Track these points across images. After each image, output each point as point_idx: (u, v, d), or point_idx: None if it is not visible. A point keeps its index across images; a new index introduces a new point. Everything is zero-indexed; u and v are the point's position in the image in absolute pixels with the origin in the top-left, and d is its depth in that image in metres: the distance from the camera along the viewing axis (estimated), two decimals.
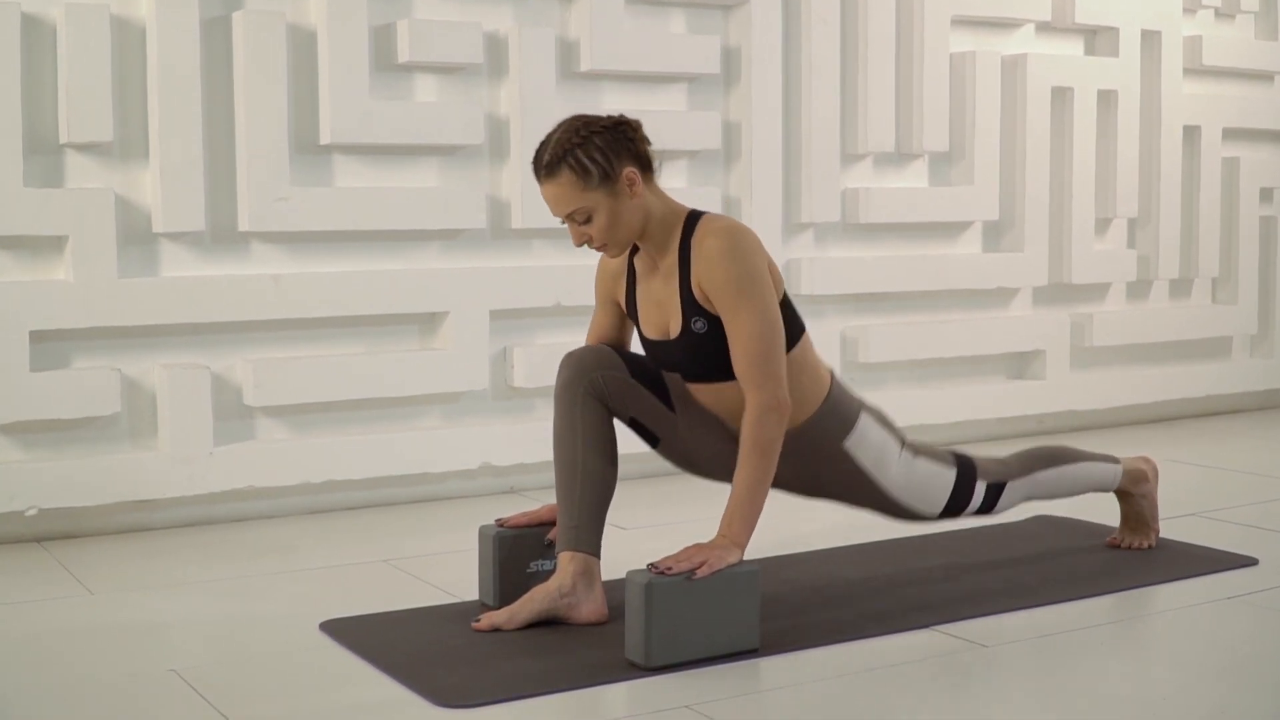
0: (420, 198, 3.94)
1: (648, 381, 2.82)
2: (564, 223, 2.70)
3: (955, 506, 2.96)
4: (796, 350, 2.75)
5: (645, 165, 2.70)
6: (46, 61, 3.55)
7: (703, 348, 2.70)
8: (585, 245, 2.69)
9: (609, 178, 2.63)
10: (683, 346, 2.73)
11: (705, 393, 2.78)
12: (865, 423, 2.84)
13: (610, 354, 2.81)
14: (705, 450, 2.86)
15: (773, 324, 2.63)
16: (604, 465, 2.77)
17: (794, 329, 2.74)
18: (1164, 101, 5.26)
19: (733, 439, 2.82)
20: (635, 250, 2.82)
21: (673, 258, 2.71)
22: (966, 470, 2.97)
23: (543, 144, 2.67)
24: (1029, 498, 3.11)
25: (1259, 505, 3.91)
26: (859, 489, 2.87)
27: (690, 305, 2.68)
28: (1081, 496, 3.72)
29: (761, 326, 2.62)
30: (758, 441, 2.61)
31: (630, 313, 2.85)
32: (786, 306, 2.73)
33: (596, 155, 2.62)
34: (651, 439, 2.88)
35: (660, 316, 2.76)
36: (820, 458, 2.81)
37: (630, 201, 2.66)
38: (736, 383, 2.71)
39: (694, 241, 2.67)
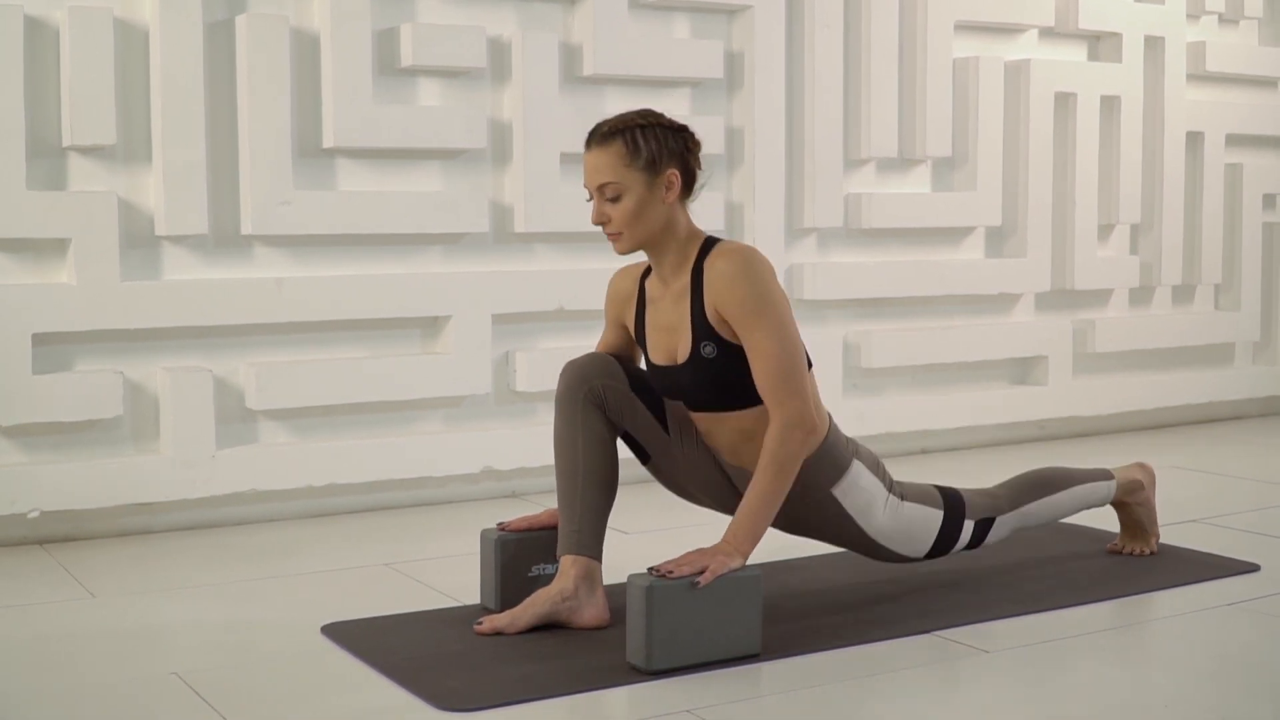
0: (423, 202, 3.94)
1: (646, 398, 2.82)
2: (589, 199, 2.72)
3: (942, 547, 2.94)
4: None
5: (688, 180, 2.72)
6: (50, 64, 3.56)
7: (709, 374, 2.69)
8: (601, 226, 2.70)
9: (653, 168, 2.66)
10: (689, 372, 2.72)
11: (707, 421, 2.78)
12: (856, 470, 2.81)
13: (612, 363, 2.81)
14: (695, 477, 2.86)
15: (792, 341, 2.63)
16: (605, 469, 2.77)
17: None
18: (1167, 107, 5.26)
19: (723, 472, 2.83)
20: (647, 274, 2.82)
21: (685, 280, 2.71)
22: (955, 509, 2.94)
23: (607, 119, 2.72)
24: (1019, 530, 3.10)
25: (1261, 511, 3.91)
26: (843, 533, 2.85)
27: (701, 329, 2.68)
28: None
29: (781, 343, 2.61)
30: (777, 456, 2.60)
31: (639, 338, 2.85)
32: None
33: (653, 142, 2.67)
34: (643, 455, 2.88)
35: (668, 341, 2.76)
36: (807, 500, 2.78)
37: (661, 202, 2.68)
38: (738, 414, 2.72)
39: (706, 264, 2.67)
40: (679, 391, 2.78)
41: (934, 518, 2.91)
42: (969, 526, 2.96)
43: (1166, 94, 5.26)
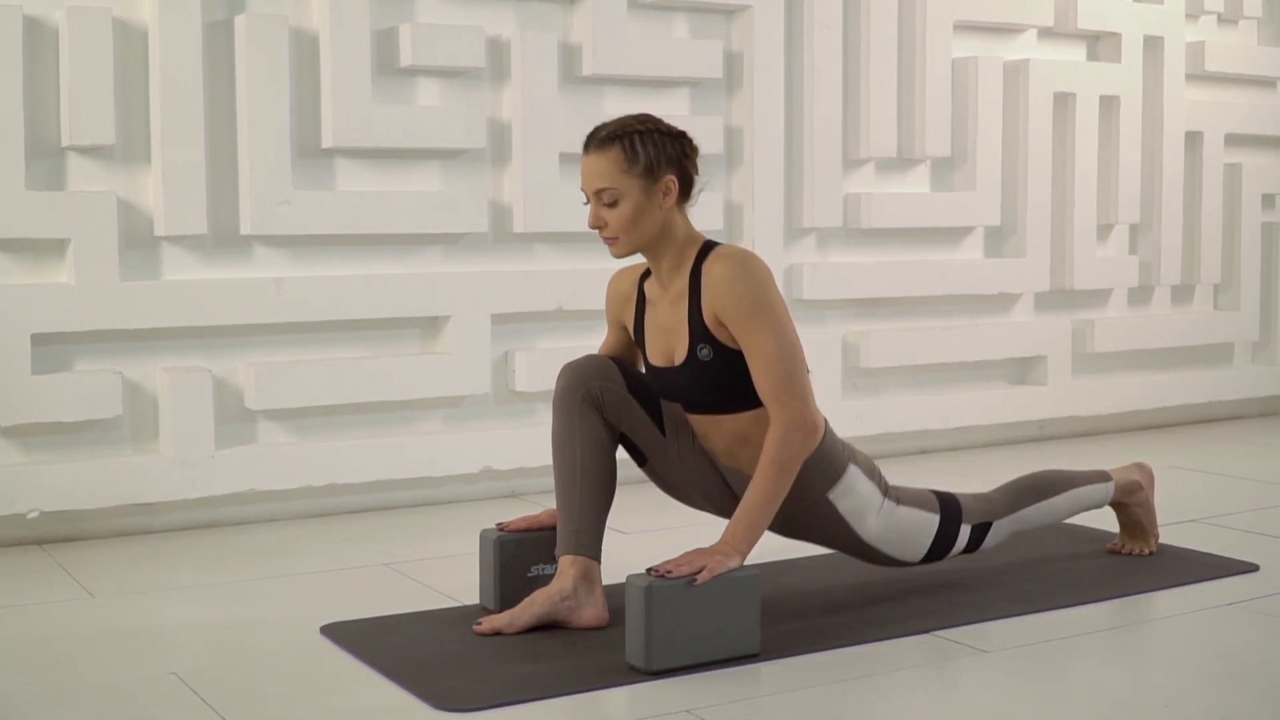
0: (422, 201, 3.94)
1: (643, 400, 2.81)
2: (586, 202, 2.72)
3: (937, 551, 2.94)
4: None
5: (686, 186, 2.72)
6: (49, 64, 3.55)
7: (706, 376, 2.69)
8: (597, 230, 2.69)
9: (651, 174, 2.66)
10: (686, 374, 2.72)
11: (703, 424, 2.78)
12: (852, 474, 2.80)
13: (609, 365, 2.80)
14: (692, 479, 2.85)
15: (792, 342, 2.63)
16: (603, 469, 2.77)
17: None
18: (1166, 107, 5.26)
19: (719, 474, 2.83)
20: (646, 276, 2.82)
21: (683, 283, 2.71)
22: (951, 514, 2.94)
23: (605, 123, 2.71)
24: (1016, 534, 3.10)
25: (1260, 511, 3.90)
26: (837, 537, 2.85)
27: (698, 332, 2.68)
28: None
29: (781, 345, 2.61)
30: (778, 457, 2.60)
31: (638, 339, 2.85)
32: None
33: (651, 148, 2.67)
34: (640, 457, 2.87)
35: (666, 343, 2.76)
36: (802, 504, 2.77)
37: (658, 208, 2.67)
38: (734, 416, 2.72)
39: (704, 267, 2.67)
40: (676, 393, 2.78)
41: (930, 522, 2.90)
42: (965, 531, 2.96)
43: (1166, 94, 5.26)
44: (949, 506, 2.94)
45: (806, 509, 2.78)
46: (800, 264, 4.55)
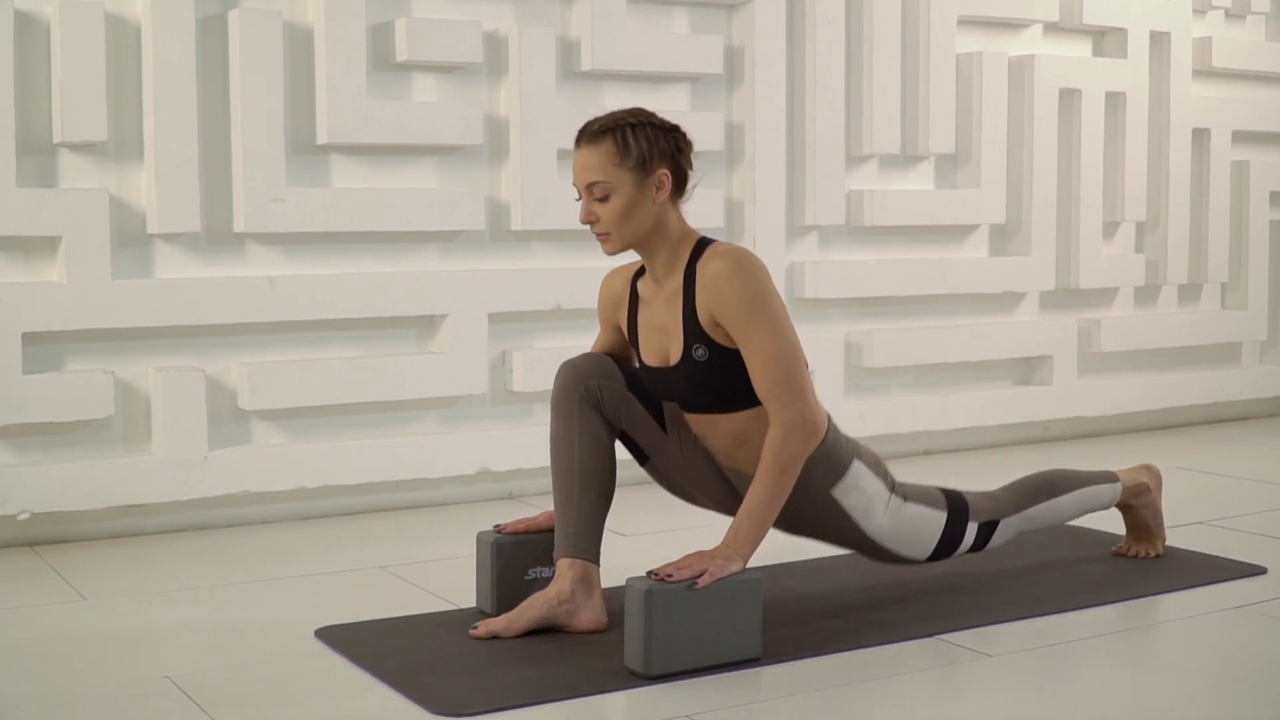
0: (418, 199, 3.90)
1: (643, 398, 2.79)
2: (578, 199, 2.68)
3: (945, 549, 2.90)
4: None
5: (680, 181, 2.68)
6: (40, 60, 3.52)
7: (701, 376, 2.66)
8: (589, 226, 2.67)
9: (643, 167, 2.62)
10: (682, 374, 2.69)
11: (701, 423, 2.75)
12: (856, 470, 2.76)
13: (608, 363, 2.78)
14: (693, 477, 2.82)
15: (791, 341, 2.59)
16: (602, 471, 2.74)
17: None
18: (1173, 104, 5.22)
19: (721, 473, 2.80)
20: (640, 274, 2.78)
21: (677, 282, 2.68)
22: (958, 511, 2.90)
23: (597, 117, 2.68)
24: (1023, 532, 3.06)
25: (1268, 513, 3.87)
26: (844, 534, 2.81)
27: (693, 331, 2.64)
28: None
29: (780, 344, 2.57)
30: (778, 458, 2.56)
31: (632, 339, 2.82)
32: None
33: (643, 142, 2.63)
34: (641, 455, 2.85)
35: (661, 343, 2.72)
36: (806, 501, 2.73)
37: (650, 203, 2.64)
38: (730, 416, 2.68)
39: (699, 266, 2.63)
40: (672, 393, 2.75)
41: (937, 519, 2.87)
42: (973, 529, 2.92)
43: (1172, 90, 5.22)
44: (956, 504, 2.91)
45: (811, 506, 2.75)
46: (802, 262, 4.52)
